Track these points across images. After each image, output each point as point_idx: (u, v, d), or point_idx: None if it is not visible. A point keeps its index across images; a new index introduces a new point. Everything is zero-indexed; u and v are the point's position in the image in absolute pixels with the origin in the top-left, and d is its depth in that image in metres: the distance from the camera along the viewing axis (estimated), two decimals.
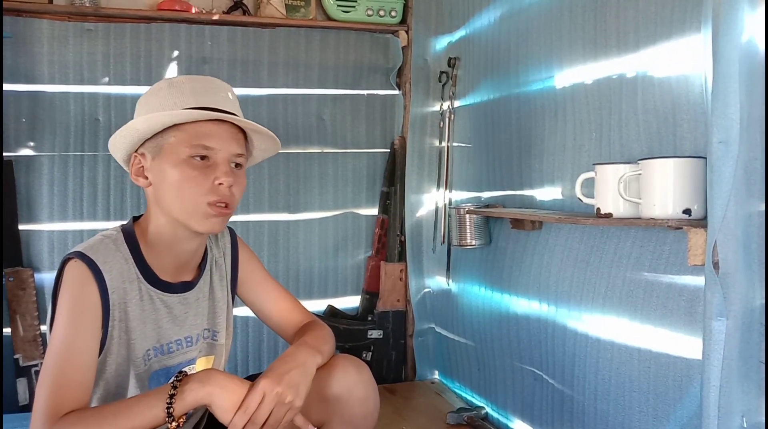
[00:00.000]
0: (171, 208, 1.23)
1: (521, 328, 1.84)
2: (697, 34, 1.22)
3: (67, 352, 1.13)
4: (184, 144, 1.20)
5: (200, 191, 1.21)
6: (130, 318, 1.23)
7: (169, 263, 1.28)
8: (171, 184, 1.21)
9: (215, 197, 1.21)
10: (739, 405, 1.01)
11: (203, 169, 1.21)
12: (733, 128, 0.97)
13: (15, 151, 2.17)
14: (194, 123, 1.22)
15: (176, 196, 1.21)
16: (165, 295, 1.28)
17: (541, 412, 1.76)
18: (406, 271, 2.50)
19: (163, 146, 1.22)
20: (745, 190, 0.99)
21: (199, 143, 1.21)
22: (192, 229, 1.24)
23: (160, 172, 1.22)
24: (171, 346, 1.30)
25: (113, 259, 1.21)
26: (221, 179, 1.21)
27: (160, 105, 1.23)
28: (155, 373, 1.28)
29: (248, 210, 2.42)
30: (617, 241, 1.47)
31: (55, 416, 1.08)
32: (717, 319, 1.01)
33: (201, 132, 1.22)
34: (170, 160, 1.21)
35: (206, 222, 1.22)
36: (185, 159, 1.20)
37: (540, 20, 1.77)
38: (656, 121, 1.36)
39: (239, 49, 2.36)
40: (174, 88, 1.25)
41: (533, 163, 1.81)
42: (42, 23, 2.16)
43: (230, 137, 1.25)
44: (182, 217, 1.22)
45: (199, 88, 1.26)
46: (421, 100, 2.44)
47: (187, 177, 1.20)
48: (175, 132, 1.22)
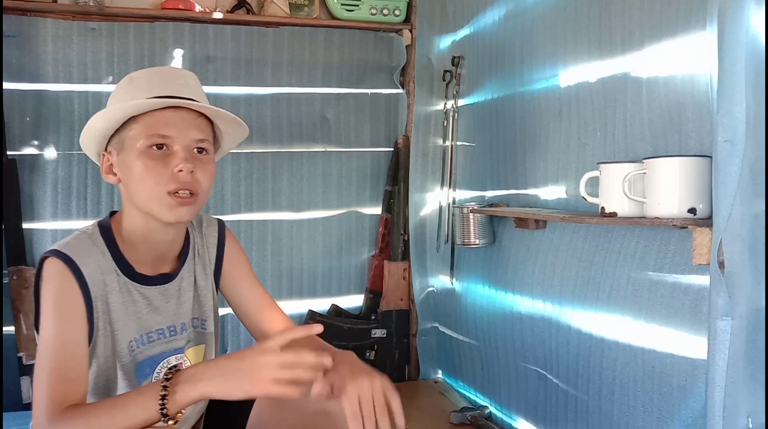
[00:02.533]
0: (138, 201, 1.23)
1: (525, 328, 1.84)
2: (703, 32, 1.21)
3: (61, 346, 1.14)
4: (142, 135, 1.20)
5: (160, 181, 1.20)
6: (111, 310, 1.23)
7: (147, 256, 1.28)
8: (134, 177, 1.21)
9: (175, 185, 1.20)
10: (745, 405, 1.00)
11: (162, 158, 1.21)
12: (738, 127, 0.97)
13: (19, 149, 2.17)
14: (150, 113, 1.21)
15: (140, 189, 1.21)
16: (143, 287, 1.27)
17: (545, 412, 1.76)
18: (409, 270, 2.50)
19: (125, 141, 1.22)
20: (750, 189, 0.98)
21: (154, 133, 1.20)
22: (161, 220, 1.23)
23: (125, 166, 1.22)
24: (151, 335, 1.30)
25: (90, 253, 1.21)
26: (180, 166, 1.20)
27: (119, 101, 1.23)
28: (140, 364, 1.28)
29: (252, 209, 2.42)
30: (622, 241, 1.47)
31: (58, 409, 1.08)
32: (722, 319, 1.00)
33: (157, 121, 1.21)
34: (132, 154, 1.21)
35: (171, 212, 1.21)
36: (144, 150, 1.20)
37: (544, 19, 1.76)
38: (661, 120, 1.36)
39: (243, 48, 2.36)
40: (132, 82, 1.26)
41: (537, 162, 1.81)
42: (46, 22, 2.16)
43: (188, 124, 1.24)
44: (149, 209, 1.22)
45: (155, 80, 1.26)
46: (425, 98, 2.44)
47: (146, 167, 1.20)
48: (133, 125, 1.21)
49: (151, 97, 1.22)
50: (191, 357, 1.36)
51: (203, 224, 1.43)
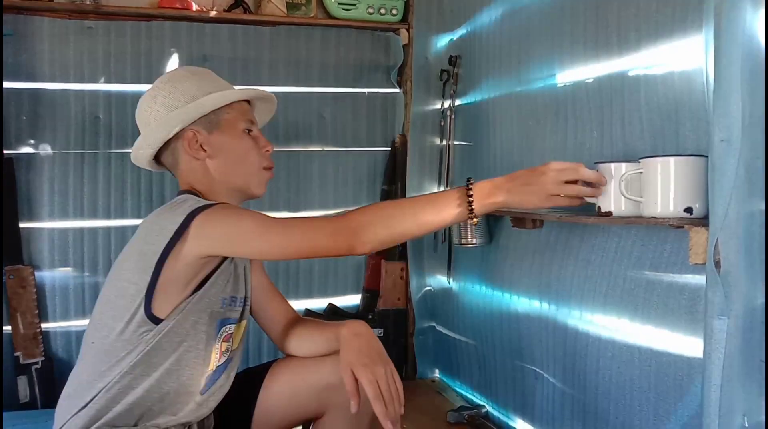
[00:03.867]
0: (234, 176, 1.41)
1: (522, 327, 1.84)
2: (699, 31, 1.21)
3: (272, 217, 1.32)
4: (241, 119, 1.41)
5: (259, 158, 1.43)
6: (221, 266, 1.35)
7: None
8: (236, 155, 1.41)
9: (267, 162, 1.45)
10: (741, 404, 1.00)
11: (254, 140, 1.43)
12: (735, 127, 0.97)
13: (16, 148, 2.17)
14: (239, 102, 1.43)
15: (240, 165, 1.41)
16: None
17: (542, 411, 1.76)
18: (406, 269, 2.50)
19: (220, 122, 1.40)
20: (746, 188, 0.98)
21: (248, 118, 1.43)
22: (250, 193, 1.44)
23: (222, 145, 1.40)
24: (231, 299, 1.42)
25: None
26: (268, 147, 1.45)
27: (201, 89, 1.40)
28: (221, 321, 1.38)
29: (249, 208, 2.41)
30: (618, 240, 1.47)
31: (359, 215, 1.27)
32: (718, 318, 1.00)
33: (246, 109, 1.45)
34: (230, 134, 1.40)
35: (262, 186, 1.45)
36: (242, 132, 1.41)
37: (541, 18, 1.76)
38: (658, 120, 1.36)
39: (240, 47, 2.36)
40: (199, 75, 1.46)
41: (534, 162, 1.80)
42: (43, 21, 2.16)
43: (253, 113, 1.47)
44: (244, 183, 1.42)
45: (215, 76, 1.48)
46: (422, 98, 2.43)
47: (249, 147, 1.41)
48: (228, 109, 1.41)
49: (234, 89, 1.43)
50: (238, 331, 1.46)
51: None
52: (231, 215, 1.28)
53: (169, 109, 1.38)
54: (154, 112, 1.40)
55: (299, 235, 1.27)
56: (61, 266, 2.22)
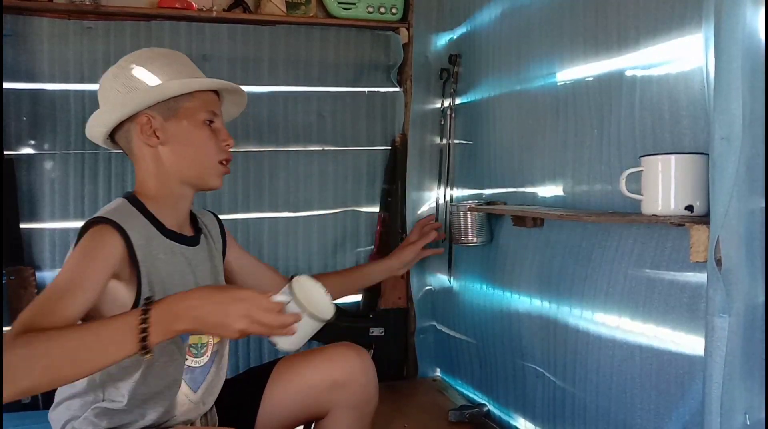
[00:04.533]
0: (188, 166, 1.37)
1: (523, 326, 1.84)
2: (698, 29, 1.21)
3: (69, 284, 1.14)
4: (201, 109, 1.37)
5: (216, 151, 1.38)
6: (163, 274, 1.30)
7: (174, 218, 1.39)
8: (192, 145, 1.36)
9: (226, 156, 1.40)
10: (742, 402, 1.00)
11: (212, 132, 1.38)
12: (735, 124, 0.97)
13: (16, 149, 2.17)
14: (204, 92, 1.39)
15: (196, 156, 1.37)
16: (183, 247, 1.38)
17: (543, 410, 1.76)
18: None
19: (178, 110, 1.36)
20: (747, 186, 0.98)
21: (211, 109, 1.38)
22: (204, 185, 1.40)
23: (177, 133, 1.35)
24: None
25: (132, 220, 1.29)
26: (228, 141, 1.40)
27: (164, 72, 1.36)
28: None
29: (248, 208, 2.41)
30: (619, 238, 1.47)
31: (24, 330, 1.02)
32: (719, 316, 1.00)
33: (210, 100, 1.40)
34: (188, 123, 1.36)
35: (218, 179, 1.40)
36: (203, 122, 1.37)
37: (541, 17, 1.76)
38: (658, 117, 1.36)
39: (239, 47, 2.36)
40: (167, 57, 1.40)
41: (534, 160, 1.81)
42: (42, 21, 2.16)
43: (219, 104, 1.43)
44: (197, 174, 1.38)
45: (184, 60, 1.43)
46: (422, 97, 2.43)
47: (207, 138, 1.37)
48: (189, 98, 1.36)
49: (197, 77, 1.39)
50: None
51: (200, 212, 1.57)
52: (68, 261, 1.19)
53: (128, 90, 1.34)
54: (113, 91, 1.36)
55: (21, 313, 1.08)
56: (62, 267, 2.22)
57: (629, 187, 1.28)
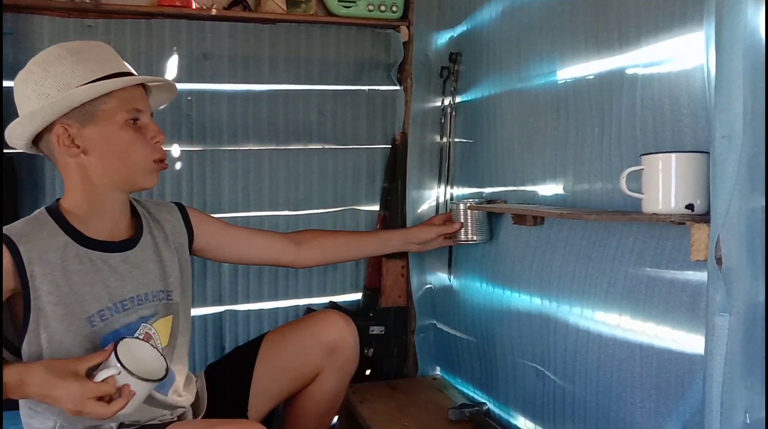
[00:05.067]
0: (115, 171, 1.30)
1: (523, 324, 1.84)
2: (699, 27, 1.21)
3: None
4: (121, 109, 1.28)
5: (146, 151, 1.31)
6: (73, 282, 1.26)
7: (103, 226, 1.34)
8: (116, 148, 1.29)
9: (158, 154, 1.33)
10: (742, 401, 1.00)
11: (139, 130, 1.31)
12: (736, 123, 0.97)
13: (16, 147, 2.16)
14: (123, 89, 1.29)
15: (123, 159, 1.30)
16: (105, 254, 1.32)
17: (543, 408, 1.76)
18: (407, 267, 2.50)
19: (96, 113, 1.27)
20: (748, 185, 0.98)
21: (133, 107, 1.30)
22: (138, 186, 1.34)
23: (98, 139, 1.28)
24: (126, 303, 1.34)
25: (34, 232, 1.26)
26: (158, 138, 1.33)
27: (74, 74, 1.26)
28: (115, 333, 1.31)
29: (248, 207, 2.41)
30: (619, 237, 1.47)
31: None
32: (720, 315, 1.00)
33: (131, 97, 1.30)
34: (111, 126, 1.28)
35: (152, 177, 1.34)
36: (124, 123, 1.29)
37: (542, 15, 1.76)
38: (659, 116, 1.36)
39: (240, 45, 2.36)
40: (78, 55, 1.29)
41: (535, 159, 1.81)
42: (42, 20, 2.16)
43: (146, 98, 1.36)
44: (128, 178, 1.31)
45: (101, 55, 1.32)
46: (423, 95, 2.43)
47: (132, 139, 1.29)
48: (106, 99, 1.28)
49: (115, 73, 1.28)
50: (161, 329, 1.41)
51: (158, 206, 1.51)
52: None
53: (39, 96, 1.26)
54: (25, 97, 1.30)
55: None
56: None
57: (630, 186, 1.28)
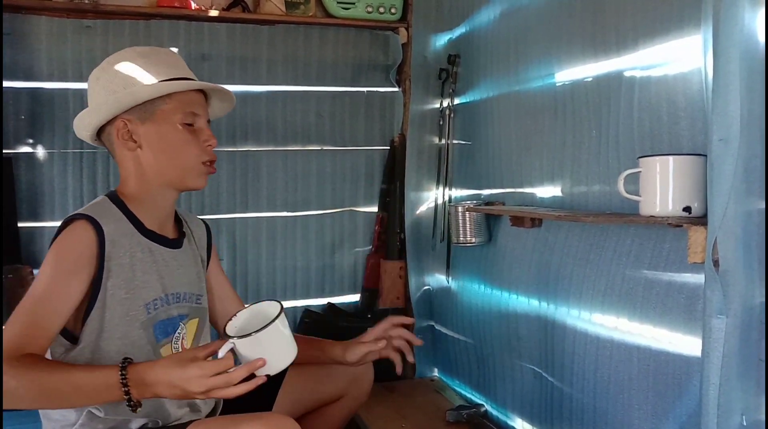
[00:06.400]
0: (166, 168, 1.35)
1: (521, 326, 1.84)
2: (697, 30, 1.22)
3: (48, 295, 1.21)
4: (178, 111, 1.34)
5: (197, 152, 1.35)
6: (137, 268, 1.31)
7: (155, 219, 1.39)
8: (169, 147, 1.34)
9: (208, 157, 1.37)
10: (739, 403, 1.01)
11: (194, 133, 1.36)
12: (733, 126, 0.97)
13: (14, 148, 2.16)
14: (182, 92, 1.35)
15: (174, 158, 1.35)
16: (161, 247, 1.38)
17: (541, 410, 1.76)
18: (405, 268, 2.50)
19: (155, 112, 1.34)
20: (745, 187, 0.98)
21: (190, 111, 1.35)
22: (186, 186, 1.38)
23: (155, 136, 1.34)
24: (173, 296, 1.39)
25: (110, 215, 1.31)
26: (210, 141, 1.37)
27: (142, 75, 1.34)
28: (160, 323, 1.36)
29: (246, 208, 2.41)
30: (617, 239, 1.47)
31: (18, 352, 1.13)
32: (716, 317, 1.01)
33: (190, 100, 1.36)
34: (167, 126, 1.34)
35: (200, 179, 1.38)
36: (179, 124, 1.34)
37: (540, 18, 1.76)
38: (656, 119, 1.36)
39: (238, 46, 2.36)
40: (147, 58, 1.37)
41: (533, 161, 1.81)
42: (40, 20, 2.16)
43: (204, 104, 1.40)
44: (178, 176, 1.36)
45: (167, 60, 1.39)
46: (421, 97, 2.43)
47: (185, 140, 1.34)
48: (167, 99, 1.34)
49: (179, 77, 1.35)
50: (190, 329, 1.45)
51: (190, 217, 1.56)
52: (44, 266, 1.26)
53: (108, 92, 1.33)
54: (95, 92, 1.36)
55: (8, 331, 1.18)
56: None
57: (627, 188, 1.28)
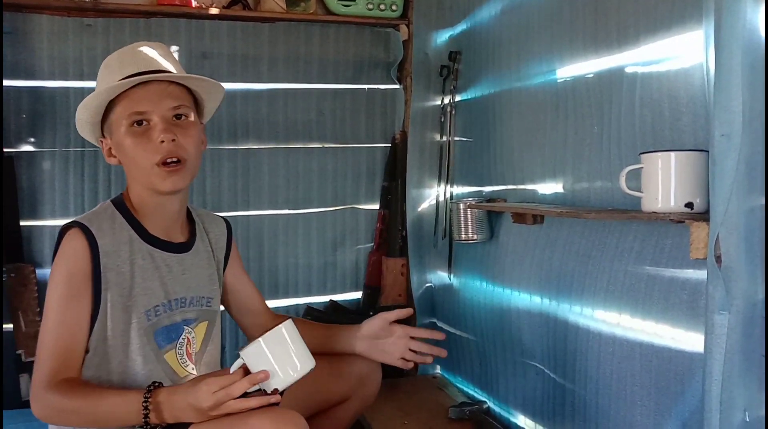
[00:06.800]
0: (137, 177, 1.33)
1: (523, 323, 1.84)
2: (698, 26, 1.21)
3: (64, 322, 1.24)
4: (122, 116, 1.29)
5: (146, 155, 1.28)
6: (136, 276, 1.31)
7: (158, 224, 1.37)
8: (127, 156, 1.31)
9: (160, 156, 1.27)
10: (742, 399, 1.00)
11: (144, 133, 1.29)
12: (735, 121, 0.97)
13: (16, 146, 2.16)
14: (125, 94, 1.29)
15: (133, 165, 1.31)
16: (163, 253, 1.36)
17: (543, 407, 1.76)
18: (407, 265, 2.50)
19: (112, 124, 1.32)
20: (747, 183, 0.98)
21: (131, 111, 1.28)
22: (158, 191, 1.31)
23: (118, 148, 1.32)
24: (176, 302, 1.38)
25: (108, 225, 1.30)
26: (160, 137, 1.27)
27: (98, 89, 1.32)
28: (162, 329, 1.35)
29: (248, 206, 2.42)
30: (619, 235, 1.47)
31: (55, 379, 1.20)
32: (719, 313, 1.00)
33: (131, 100, 1.29)
34: (119, 135, 1.30)
35: (165, 182, 1.29)
36: (127, 129, 1.29)
37: (541, 14, 1.76)
38: (658, 114, 1.36)
39: (239, 44, 2.36)
40: (106, 68, 1.35)
41: (535, 157, 1.81)
42: (41, 19, 2.16)
43: (160, 95, 1.30)
44: (146, 183, 1.31)
45: (126, 59, 1.33)
46: (422, 94, 2.43)
47: (133, 145, 1.28)
48: (114, 108, 1.31)
49: (122, 78, 1.29)
50: (198, 333, 1.44)
51: (209, 216, 1.55)
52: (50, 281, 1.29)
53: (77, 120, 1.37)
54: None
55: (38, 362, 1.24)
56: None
57: (629, 184, 1.28)
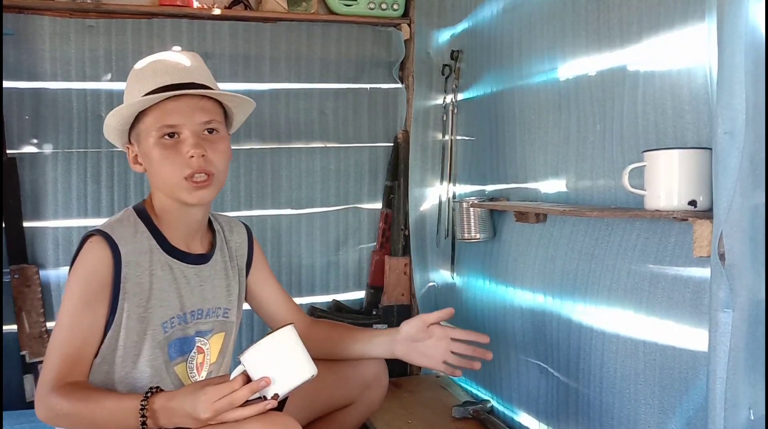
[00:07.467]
0: (161, 187, 1.33)
1: (526, 321, 1.84)
2: (701, 23, 1.21)
3: (77, 327, 1.24)
4: (152, 127, 1.29)
5: (175, 168, 1.28)
6: (154, 287, 1.31)
7: (179, 233, 1.37)
8: (154, 167, 1.31)
9: (189, 170, 1.27)
10: (746, 397, 1.00)
11: (174, 146, 1.28)
12: (738, 119, 0.96)
13: (19, 148, 2.17)
14: (157, 104, 1.28)
15: (160, 176, 1.31)
16: (182, 264, 1.36)
17: (547, 405, 1.76)
18: (410, 265, 2.50)
19: (141, 133, 1.31)
20: (750, 181, 0.98)
21: (162, 124, 1.28)
22: (183, 202, 1.31)
23: (145, 157, 1.32)
24: (189, 316, 1.38)
25: (131, 234, 1.30)
26: (191, 152, 1.27)
27: (130, 95, 1.32)
28: (176, 341, 1.36)
29: (251, 206, 2.42)
30: (622, 233, 1.47)
31: (60, 382, 1.20)
32: (723, 311, 1.00)
33: (163, 112, 1.28)
34: (147, 145, 1.30)
35: (191, 195, 1.29)
36: (157, 141, 1.29)
37: (543, 12, 1.75)
38: (661, 112, 1.35)
39: (241, 44, 2.36)
40: (137, 75, 1.34)
41: (537, 156, 1.81)
42: (43, 20, 2.16)
43: (192, 108, 1.29)
44: (171, 193, 1.31)
45: (159, 68, 1.32)
46: (424, 93, 2.43)
47: (161, 157, 1.28)
48: (144, 118, 1.30)
49: (155, 88, 1.29)
50: (214, 344, 1.44)
51: (229, 224, 1.53)
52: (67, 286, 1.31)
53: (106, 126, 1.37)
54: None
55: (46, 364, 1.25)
56: (66, 265, 2.22)
57: (632, 182, 1.28)
